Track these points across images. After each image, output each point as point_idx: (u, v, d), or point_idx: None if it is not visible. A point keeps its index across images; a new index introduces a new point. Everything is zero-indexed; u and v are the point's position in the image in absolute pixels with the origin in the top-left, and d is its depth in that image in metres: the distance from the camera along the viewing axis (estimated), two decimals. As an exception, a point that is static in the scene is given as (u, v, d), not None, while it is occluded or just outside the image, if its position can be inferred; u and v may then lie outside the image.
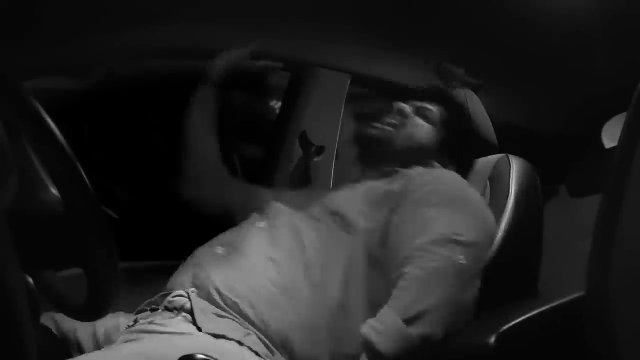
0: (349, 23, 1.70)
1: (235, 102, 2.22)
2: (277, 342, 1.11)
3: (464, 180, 1.32)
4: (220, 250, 1.25)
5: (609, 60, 1.85)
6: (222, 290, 1.15)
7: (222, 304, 1.13)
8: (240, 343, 1.07)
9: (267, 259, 1.20)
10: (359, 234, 1.23)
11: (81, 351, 1.19)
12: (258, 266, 1.19)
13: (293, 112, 1.86)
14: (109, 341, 1.18)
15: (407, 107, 1.44)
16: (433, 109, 1.44)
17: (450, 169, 1.38)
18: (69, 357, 1.03)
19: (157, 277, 1.31)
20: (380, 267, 1.19)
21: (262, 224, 1.30)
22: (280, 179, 1.84)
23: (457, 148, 1.44)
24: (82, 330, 1.21)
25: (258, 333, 1.11)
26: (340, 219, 1.25)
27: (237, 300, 1.13)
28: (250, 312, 1.12)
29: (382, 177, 1.37)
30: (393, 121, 1.41)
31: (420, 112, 1.44)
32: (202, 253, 1.27)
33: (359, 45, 1.79)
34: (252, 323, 1.11)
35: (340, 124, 1.89)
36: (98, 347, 1.19)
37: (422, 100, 1.47)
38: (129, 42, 1.53)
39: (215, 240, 1.31)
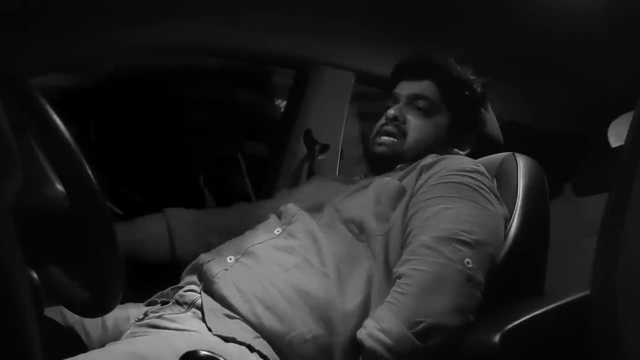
0: (353, 20, 1.70)
1: (239, 100, 2.23)
2: (286, 354, 1.09)
3: (479, 169, 1.25)
4: (231, 258, 1.19)
5: (615, 60, 1.85)
6: (231, 300, 1.11)
7: (229, 311, 1.11)
8: (250, 347, 1.05)
9: (280, 268, 1.15)
10: (376, 240, 1.19)
11: (89, 341, 1.18)
12: (270, 276, 1.14)
13: (298, 110, 1.86)
14: (118, 332, 1.17)
15: (398, 112, 1.39)
16: (426, 95, 1.40)
17: (470, 146, 1.34)
18: (76, 349, 1.03)
19: (168, 270, 1.31)
20: None
21: (278, 230, 1.26)
22: (285, 177, 1.84)
23: (469, 122, 1.42)
24: (89, 320, 1.19)
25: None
26: (356, 227, 1.22)
27: (244, 312, 1.10)
28: (256, 323, 1.09)
29: (391, 172, 1.35)
30: (393, 130, 1.38)
31: (413, 105, 1.40)
32: (212, 259, 1.21)
33: (363, 43, 1.79)
34: (260, 332, 1.09)
35: (344, 122, 1.89)
36: (107, 337, 1.18)
37: (410, 77, 1.43)
38: (134, 39, 1.54)
39: (229, 246, 1.26)
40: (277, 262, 1.17)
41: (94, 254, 0.84)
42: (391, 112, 1.40)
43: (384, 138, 1.39)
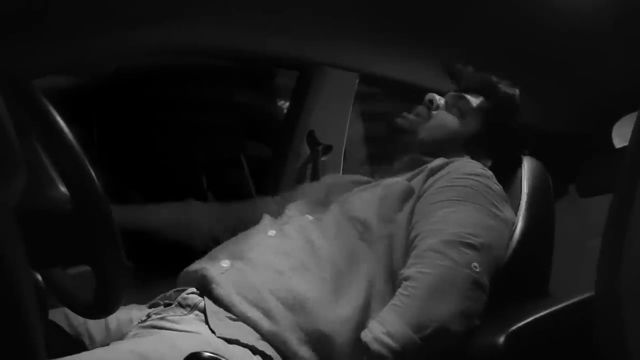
0: (356, 21, 1.70)
1: (242, 101, 2.23)
2: (287, 355, 1.08)
3: (486, 173, 1.26)
4: (226, 263, 1.19)
5: (620, 60, 1.85)
6: (228, 304, 1.11)
7: (231, 314, 1.11)
8: (254, 349, 1.05)
9: (276, 273, 1.15)
10: (380, 242, 1.19)
11: (92, 344, 1.18)
12: (265, 281, 1.14)
13: (301, 111, 1.85)
14: (120, 333, 1.17)
15: (437, 99, 1.43)
16: (470, 99, 1.43)
17: (483, 162, 1.34)
18: (80, 351, 1.03)
19: (170, 271, 1.31)
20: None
21: (272, 232, 1.25)
22: (288, 178, 1.84)
23: (496, 141, 1.42)
24: (92, 323, 1.19)
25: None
26: (361, 225, 1.21)
27: (242, 316, 1.10)
28: (254, 327, 1.09)
29: (397, 174, 1.35)
30: (420, 112, 1.42)
31: (454, 103, 1.43)
32: (207, 263, 1.21)
33: (366, 43, 1.79)
34: (260, 335, 1.09)
35: (348, 123, 1.89)
36: (110, 339, 1.18)
37: (466, 90, 1.45)
38: (138, 40, 1.54)
39: (223, 250, 1.25)
40: (273, 266, 1.16)
41: (97, 255, 0.84)
42: (429, 95, 1.43)
43: (410, 114, 1.43)
